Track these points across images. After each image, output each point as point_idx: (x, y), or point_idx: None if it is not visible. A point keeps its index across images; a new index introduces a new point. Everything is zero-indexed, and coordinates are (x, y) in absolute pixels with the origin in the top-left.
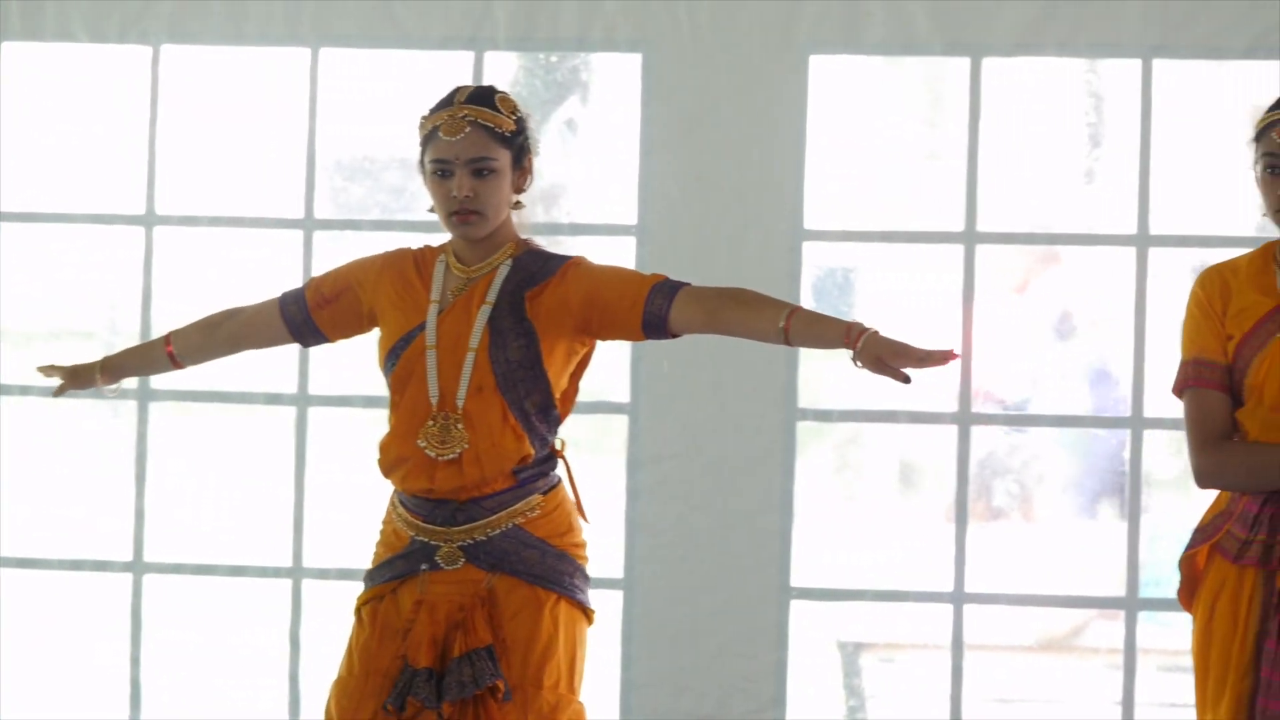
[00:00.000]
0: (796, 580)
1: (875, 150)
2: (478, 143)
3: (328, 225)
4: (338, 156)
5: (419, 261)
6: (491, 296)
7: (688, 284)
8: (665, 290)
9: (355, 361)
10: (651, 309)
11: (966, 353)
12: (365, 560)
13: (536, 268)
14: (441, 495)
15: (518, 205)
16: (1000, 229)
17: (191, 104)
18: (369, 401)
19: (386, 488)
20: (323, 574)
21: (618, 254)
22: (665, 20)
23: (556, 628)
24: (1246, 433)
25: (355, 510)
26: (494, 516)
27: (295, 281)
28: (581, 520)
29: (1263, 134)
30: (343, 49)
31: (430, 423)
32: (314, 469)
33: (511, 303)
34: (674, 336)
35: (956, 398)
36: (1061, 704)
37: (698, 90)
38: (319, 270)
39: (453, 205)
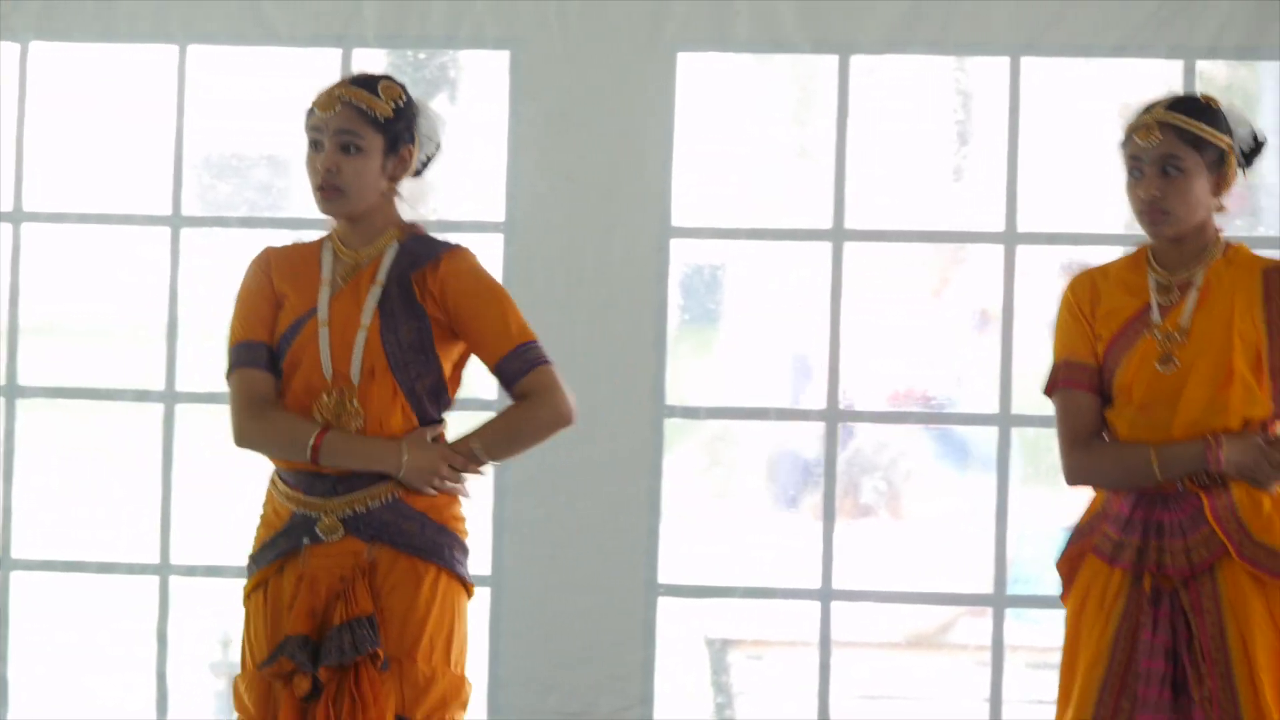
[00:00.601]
0: (664, 577)
1: (743, 148)
2: (346, 119)
3: (195, 222)
4: (206, 153)
5: (295, 254)
6: (381, 277)
7: (545, 364)
8: (523, 363)
9: (223, 359)
10: (505, 372)
11: (835, 351)
12: (232, 557)
13: (421, 251)
14: (325, 468)
15: (392, 192)
16: (868, 226)
17: (59, 100)
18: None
19: (254, 483)
20: (190, 571)
21: (486, 251)
22: (533, 18)
23: (434, 601)
24: (1116, 432)
25: (222, 507)
26: (374, 487)
27: (163, 278)
28: (462, 496)
29: (1127, 138)
30: (211, 46)
31: (325, 397)
32: (181, 466)
33: (400, 285)
34: None
35: (825, 395)
36: (929, 701)
37: (566, 88)
38: (186, 267)
39: (317, 179)
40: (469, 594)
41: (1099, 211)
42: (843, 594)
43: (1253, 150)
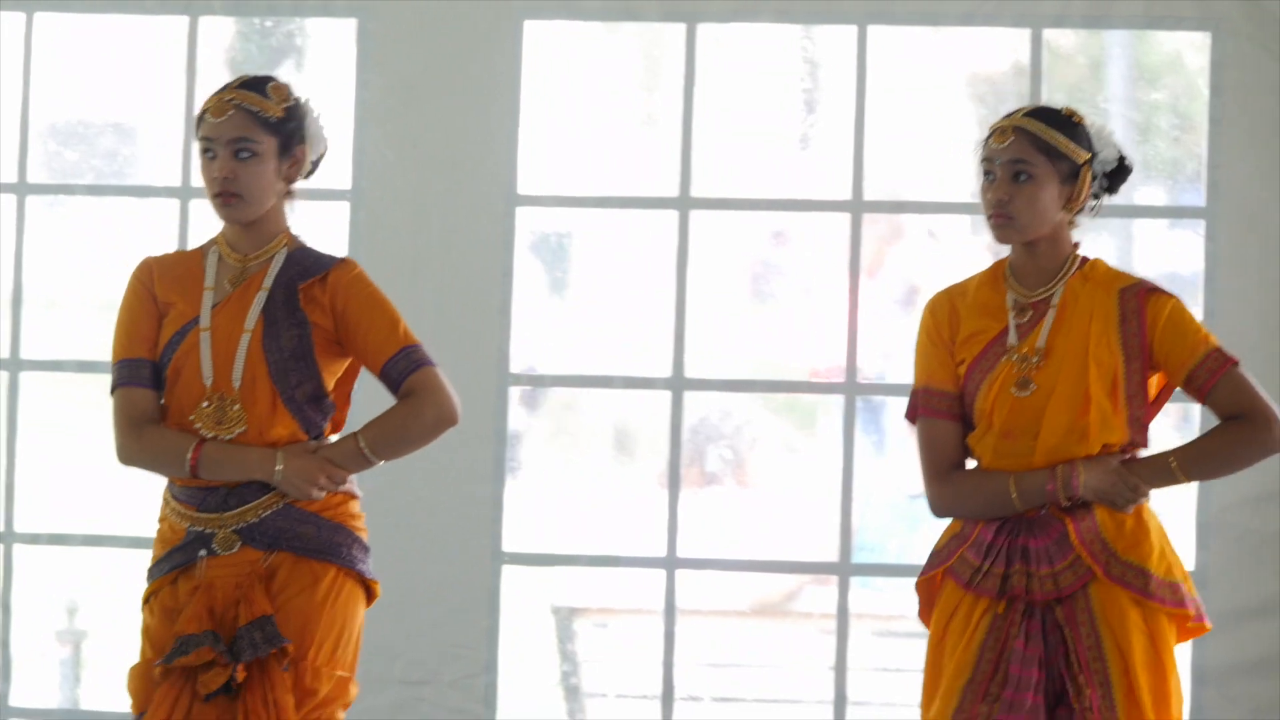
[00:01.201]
0: (509, 545)
1: (590, 116)
2: (239, 124)
3: (41, 190)
4: (52, 120)
5: (178, 262)
6: (267, 284)
7: (430, 365)
8: (409, 364)
9: (68, 327)
10: (391, 374)
11: (680, 319)
12: (78, 525)
13: (310, 263)
14: (215, 482)
15: (289, 194)
16: (716, 194)
17: None
18: (82, 366)
19: (99, 450)
20: (34, 539)
21: (332, 219)
22: None
23: (329, 601)
24: (979, 458)
25: (67, 475)
26: (265, 497)
27: (9, 245)
28: (356, 492)
29: (984, 141)
30: (57, 13)
31: (205, 404)
32: (25, 433)
33: (286, 294)
34: None
35: (671, 363)
36: (774, 669)
37: (412, 56)
38: (31, 236)
39: (215, 186)
40: (372, 592)
41: (944, 181)
42: (688, 562)
43: (1116, 173)
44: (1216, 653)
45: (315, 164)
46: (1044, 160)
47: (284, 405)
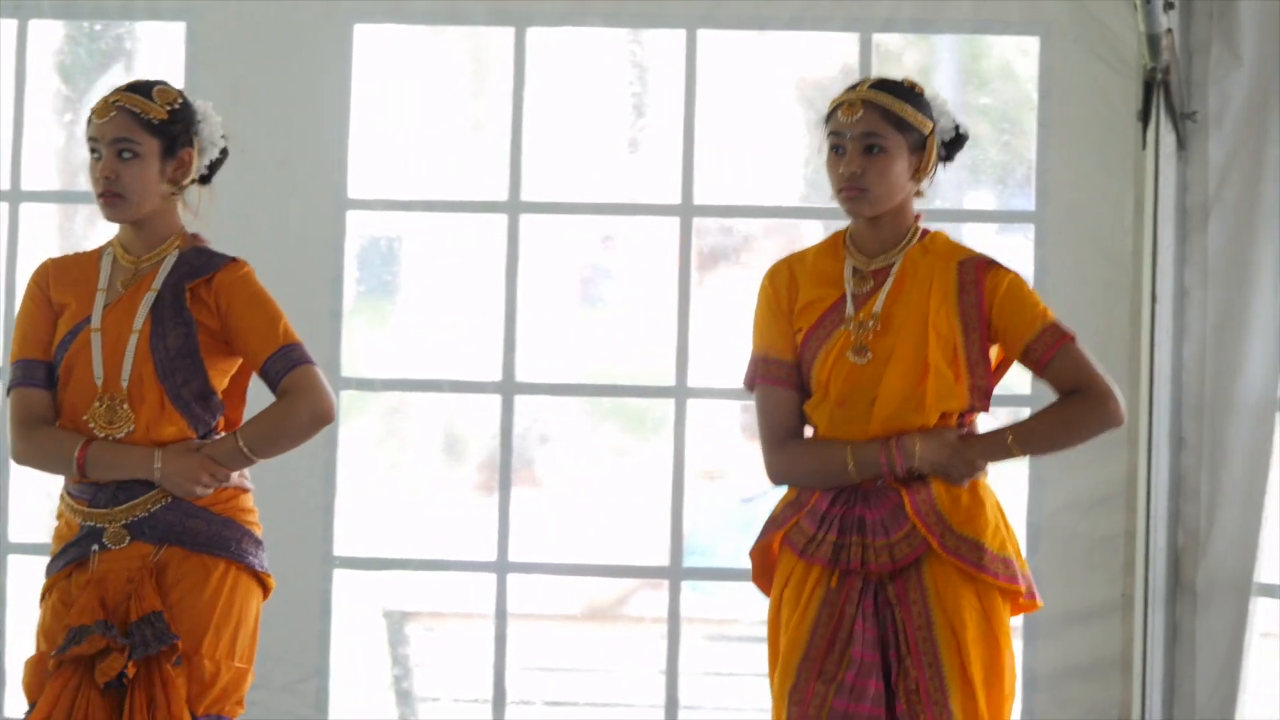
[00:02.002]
0: (340, 550)
1: (420, 120)
2: (121, 125)
3: None
4: None
5: (74, 264)
6: (157, 284)
7: (308, 364)
8: (287, 362)
9: None
10: (270, 371)
11: (511, 324)
12: None
13: (200, 263)
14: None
15: (174, 196)
16: (545, 198)
17: None
18: None
19: None
20: None
21: None
22: None
23: (221, 595)
24: (816, 425)
25: None
26: (153, 492)
27: None
28: (247, 486)
29: (830, 115)
30: None
31: (96, 403)
32: None
33: (174, 293)
34: None
35: (501, 367)
36: (606, 673)
37: (242, 59)
38: None
39: (98, 186)
40: (265, 585)
41: (774, 185)
42: (519, 566)
43: (953, 142)
44: (1047, 657)
45: (212, 167)
46: (894, 132)
47: (171, 404)
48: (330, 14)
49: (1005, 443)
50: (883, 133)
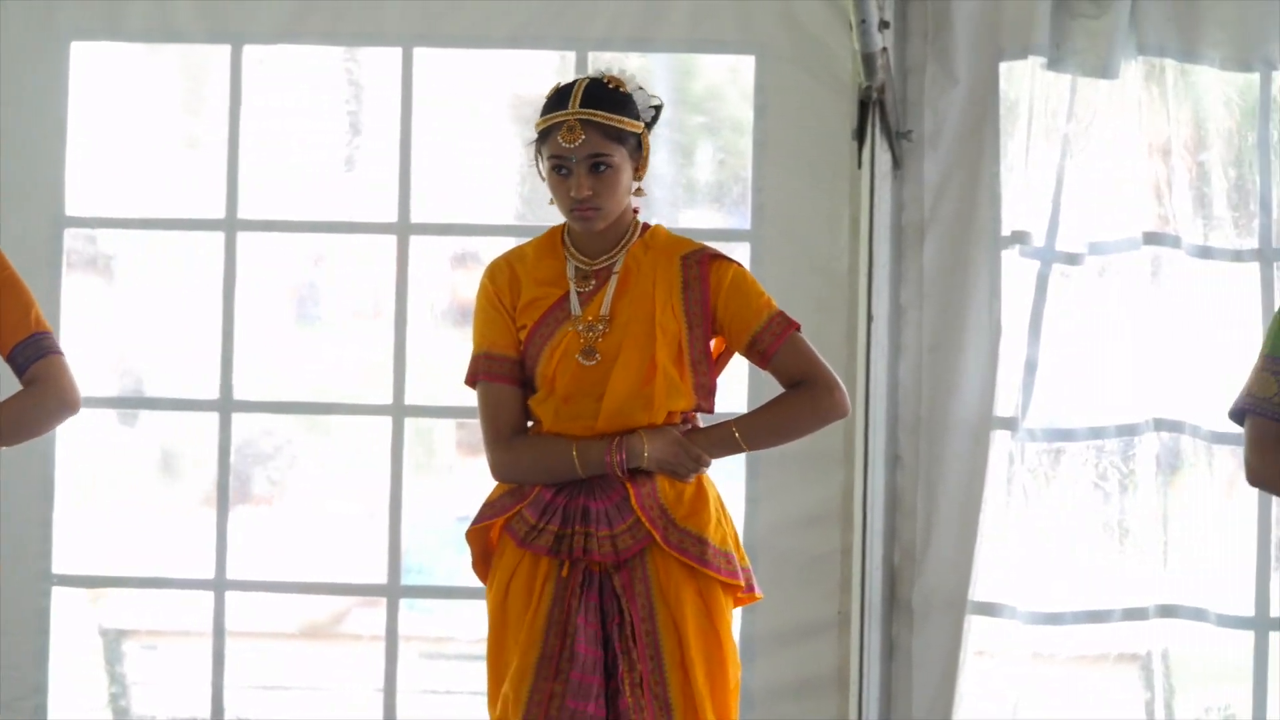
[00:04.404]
0: (59, 567)
1: (137, 137)
2: None
3: None
4: None
5: None
6: None
7: (57, 354)
8: (36, 350)
9: None
10: (18, 359)
11: (228, 341)
12: None
13: None
14: None
15: None
16: (262, 216)
17: None
18: None
19: None
20: None
21: None
22: None
23: None
24: (541, 420)
25: None
26: None
27: None
28: None
29: (546, 136)
30: None
31: None
32: None
33: None
34: None
35: (218, 385)
36: (324, 691)
37: None
38: None
39: None
40: None
41: (490, 202)
42: (236, 584)
43: (654, 118)
44: (764, 674)
45: None
46: (617, 147)
47: None
48: (47, 31)
49: (731, 436)
50: (607, 150)
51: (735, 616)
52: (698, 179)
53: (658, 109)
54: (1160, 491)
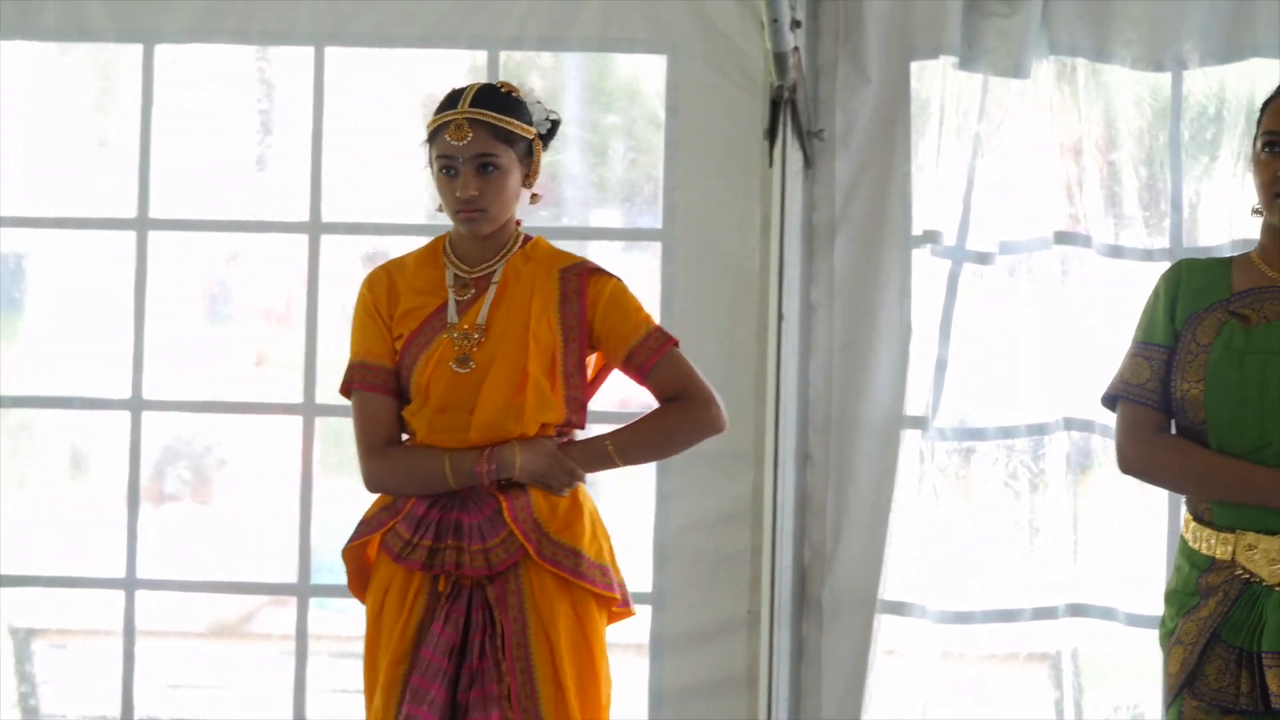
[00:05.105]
0: None
1: (48, 137)
2: None
3: None
4: None
5: None
6: None
7: None
8: None
9: None
10: None
11: (139, 341)
12: None
13: None
14: None
15: None
16: (174, 216)
17: None
18: None
19: None
20: None
21: None
22: None
23: None
24: (414, 431)
25: None
26: None
27: None
28: None
29: (436, 136)
30: None
31: None
32: None
33: None
34: None
35: (130, 384)
36: (234, 690)
37: None
38: None
39: None
40: None
41: (402, 202)
42: (147, 583)
43: (550, 130)
44: (674, 675)
45: None
46: (506, 148)
47: None
48: None
49: (605, 450)
50: (495, 151)
51: (644, 616)
52: (609, 178)
53: (555, 123)
54: (1070, 491)
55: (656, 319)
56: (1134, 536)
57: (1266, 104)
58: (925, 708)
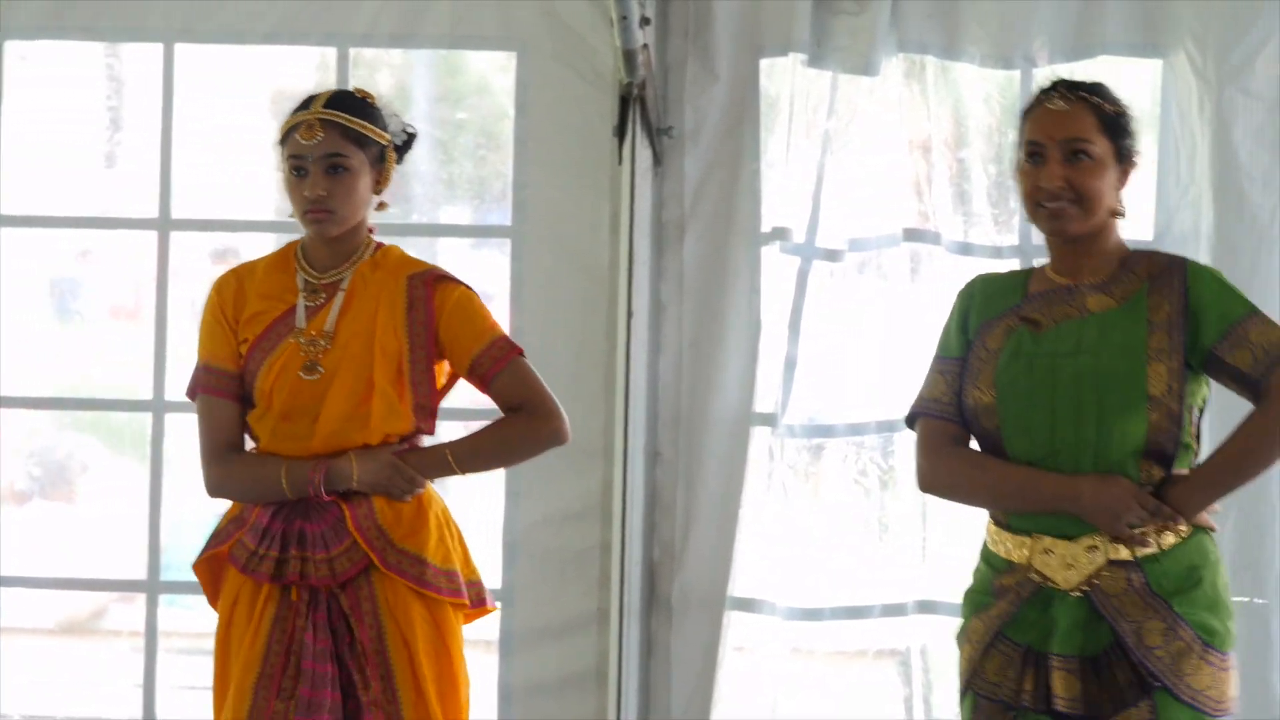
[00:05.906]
0: None
1: None
2: None
3: None
4: None
5: None
6: None
7: None
8: None
9: None
10: None
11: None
12: None
13: None
14: None
15: None
16: (22, 212)
17: None
18: None
19: None
20: None
21: None
22: None
23: None
24: (258, 438)
25: None
26: None
27: None
28: None
29: (286, 136)
30: None
31: None
32: None
33: None
34: None
35: None
36: (83, 687)
37: None
38: None
39: None
40: None
41: (250, 198)
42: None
43: (405, 143)
44: (523, 671)
45: None
46: (356, 149)
47: None
48: None
49: (445, 459)
50: (345, 152)
51: (494, 613)
52: (458, 175)
53: (411, 136)
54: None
55: (506, 316)
56: (982, 534)
57: (1026, 113)
58: (775, 705)
